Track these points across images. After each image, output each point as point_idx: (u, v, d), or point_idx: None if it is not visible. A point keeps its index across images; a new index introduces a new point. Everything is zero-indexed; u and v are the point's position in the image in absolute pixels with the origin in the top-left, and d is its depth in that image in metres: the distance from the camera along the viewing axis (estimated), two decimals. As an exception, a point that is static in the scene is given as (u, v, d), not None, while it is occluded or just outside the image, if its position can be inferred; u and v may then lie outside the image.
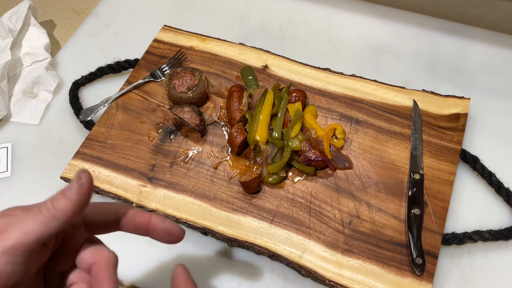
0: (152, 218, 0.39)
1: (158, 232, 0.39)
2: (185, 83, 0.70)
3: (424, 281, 0.55)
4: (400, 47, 0.81)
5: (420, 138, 0.66)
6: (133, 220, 0.39)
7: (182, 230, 0.40)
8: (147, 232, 0.39)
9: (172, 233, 0.39)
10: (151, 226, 0.39)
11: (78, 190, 0.33)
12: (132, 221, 0.39)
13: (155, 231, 0.39)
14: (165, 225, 0.39)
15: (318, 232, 0.60)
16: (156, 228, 0.39)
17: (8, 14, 0.81)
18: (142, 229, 0.39)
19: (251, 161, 0.66)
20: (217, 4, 0.90)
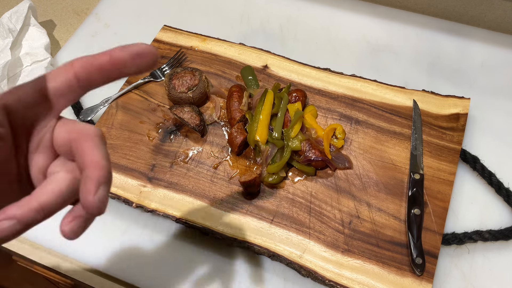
0: (111, 52, 0.31)
1: (128, 63, 0.31)
2: (185, 83, 0.70)
3: (424, 281, 0.56)
4: (400, 47, 0.81)
5: (420, 138, 0.66)
6: (92, 65, 0.31)
7: (150, 45, 0.32)
8: (116, 71, 0.31)
9: (143, 53, 0.31)
10: (116, 60, 0.31)
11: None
12: (92, 66, 0.31)
13: (124, 64, 0.31)
14: (130, 49, 0.31)
15: (318, 232, 0.60)
16: (123, 59, 0.31)
17: (8, 14, 0.81)
18: (109, 71, 0.31)
19: (251, 161, 0.66)
20: (217, 4, 0.90)
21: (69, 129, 0.31)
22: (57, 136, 0.32)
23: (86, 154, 0.30)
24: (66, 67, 0.31)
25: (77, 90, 0.32)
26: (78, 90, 0.32)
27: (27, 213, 0.28)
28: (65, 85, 0.31)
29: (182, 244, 0.63)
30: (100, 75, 0.31)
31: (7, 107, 0.30)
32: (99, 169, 0.29)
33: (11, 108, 0.30)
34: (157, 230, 0.65)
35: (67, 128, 0.31)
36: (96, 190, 0.28)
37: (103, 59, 0.31)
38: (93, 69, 0.31)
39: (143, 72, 0.32)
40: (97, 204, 0.28)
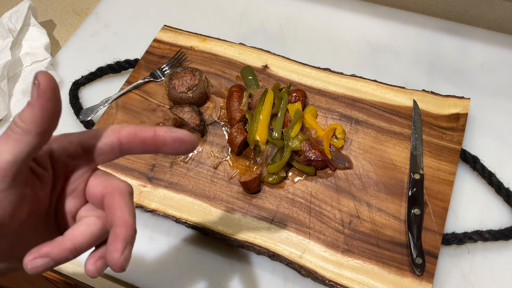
0: (156, 130, 0.34)
1: (168, 144, 0.34)
2: (185, 83, 0.70)
3: (424, 281, 0.56)
4: (400, 47, 0.81)
5: (420, 138, 0.66)
6: (136, 136, 0.34)
7: (193, 135, 0.34)
8: (155, 147, 0.34)
9: (184, 140, 0.34)
10: (158, 139, 0.34)
11: (37, 92, 0.29)
12: (136, 137, 0.34)
13: (164, 143, 0.34)
14: (173, 134, 0.33)
15: (318, 232, 0.60)
16: (165, 139, 0.33)
17: (8, 14, 0.81)
18: (150, 145, 0.34)
19: (251, 161, 0.66)
20: (217, 4, 0.90)
21: (104, 183, 0.34)
22: (90, 187, 0.35)
23: (117, 211, 0.32)
24: (113, 131, 0.34)
25: (117, 153, 0.35)
26: (118, 153, 0.35)
27: (61, 252, 0.32)
28: (109, 147, 0.34)
29: (182, 244, 0.63)
30: (141, 146, 0.34)
31: (52, 153, 0.33)
32: (128, 229, 0.32)
33: (55, 154, 0.33)
34: (157, 230, 0.65)
35: (101, 181, 0.34)
36: (123, 250, 0.31)
37: (148, 135, 0.34)
38: (137, 140, 0.34)
39: (179, 155, 0.36)
40: (122, 263, 0.31)
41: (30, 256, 0.31)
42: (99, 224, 0.34)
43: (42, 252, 0.31)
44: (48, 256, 0.31)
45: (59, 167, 0.34)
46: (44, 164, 0.32)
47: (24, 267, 0.31)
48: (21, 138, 0.29)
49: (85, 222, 0.34)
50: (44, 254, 0.31)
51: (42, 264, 0.31)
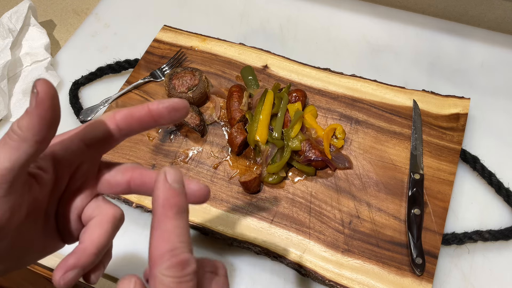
0: (149, 105, 0.34)
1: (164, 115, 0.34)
2: (185, 83, 0.70)
3: (424, 281, 0.56)
4: (400, 47, 0.81)
5: (420, 138, 0.66)
6: (132, 117, 0.34)
7: (183, 100, 0.34)
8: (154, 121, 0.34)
9: (178, 107, 0.34)
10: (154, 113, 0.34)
11: (36, 101, 0.29)
12: (132, 118, 0.34)
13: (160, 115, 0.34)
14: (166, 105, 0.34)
15: (318, 232, 0.60)
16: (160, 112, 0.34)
17: (8, 14, 0.81)
18: (147, 121, 0.34)
19: (251, 161, 0.66)
20: (217, 4, 0.90)
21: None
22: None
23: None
24: (109, 117, 0.34)
25: (118, 138, 0.35)
26: (118, 138, 0.35)
27: (87, 260, 0.33)
28: (108, 134, 0.34)
29: (182, 244, 0.63)
30: (139, 125, 0.35)
31: (55, 156, 0.33)
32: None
33: (58, 156, 0.33)
34: (157, 230, 0.64)
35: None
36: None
37: (143, 112, 0.34)
38: (133, 121, 0.34)
39: (176, 122, 0.37)
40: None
41: (59, 272, 0.31)
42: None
43: (70, 265, 0.32)
44: (76, 267, 0.32)
45: (63, 167, 0.34)
46: (44, 167, 0.32)
47: (57, 284, 0.31)
48: (19, 146, 0.29)
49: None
50: (72, 266, 0.32)
51: (73, 276, 0.32)
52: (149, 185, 0.35)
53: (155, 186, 0.29)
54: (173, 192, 0.29)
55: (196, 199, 0.34)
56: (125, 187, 0.35)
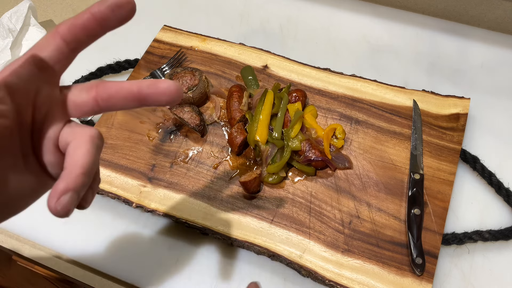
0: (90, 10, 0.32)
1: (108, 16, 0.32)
2: (185, 83, 0.71)
3: (424, 281, 0.56)
4: (400, 47, 0.81)
5: (420, 138, 0.66)
6: (76, 26, 0.33)
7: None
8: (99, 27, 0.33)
9: (120, 4, 0.32)
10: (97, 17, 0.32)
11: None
12: (76, 27, 0.33)
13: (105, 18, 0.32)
14: (107, 3, 0.32)
15: (318, 232, 0.60)
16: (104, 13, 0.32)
17: (8, 14, 0.81)
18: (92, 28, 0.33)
19: (251, 161, 0.66)
20: (217, 4, 0.90)
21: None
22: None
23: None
24: (52, 34, 0.33)
25: (68, 53, 0.33)
26: (69, 53, 0.33)
27: (76, 181, 0.30)
28: (56, 51, 0.33)
29: (182, 244, 0.63)
30: (85, 33, 0.33)
31: (8, 85, 0.31)
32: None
33: (11, 84, 0.31)
34: (157, 230, 0.65)
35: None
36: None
37: (85, 17, 0.32)
38: (78, 29, 0.33)
39: (124, 23, 0.34)
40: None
41: (52, 200, 0.29)
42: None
43: (60, 189, 0.30)
44: (67, 190, 0.30)
45: (20, 96, 0.32)
46: (0, 98, 0.30)
47: (54, 211, 0.30)
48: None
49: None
50: (64, 190, 0.30)
51: (67, 200, 0.30)
52: (116, 97, 0.33)
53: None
54: None
55: (167, 97, 0.33)
56: (93, 105, 0.34)
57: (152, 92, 0.33)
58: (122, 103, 0.34)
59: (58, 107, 0.34)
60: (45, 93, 0.33)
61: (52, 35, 0.33)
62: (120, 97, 0.34)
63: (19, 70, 0.32)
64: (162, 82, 0.33)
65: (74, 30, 0.33)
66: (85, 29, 0.33)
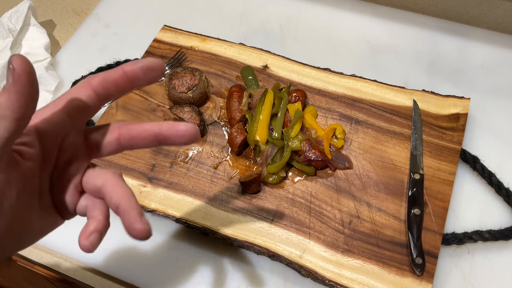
0: (123, 67, 0.35)
1: (139, 76, 0.35)
2: (185, 83, 0.70)
3: (424, 281, 0.56)
4: (400, 47, 0.81)
5: (420, 138, 0.66)
6: (108, 81, 0.35)
7: (158, 59, 0.35)
8: (130, 83, 0.35)
9: (152, 67, 0.35)
10: (129, 74, 0.34)
11: (12, 77, 0.28)
12: (108, 82, 0.35)
13: (136, 77, 0.35)
14: (140, 64, 0.35)
15: (318, 232, 0.60)
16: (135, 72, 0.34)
17: (8, 14, 0.81)
18: (123, 83, 0.35)
19: (251, 161, 0.66)
20: (217, 4, 0.90)
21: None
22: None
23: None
24: (85, 84, 0.35)
25: (97, 104, 0.36)
26: (97, 104, 0.36)
27: (104, 223, 0.35)
28: (87, 101, 0.35)
29: (182, 244, 0.63)
30: (115, 88, 0.35)
31: (38, 130, 0.33)
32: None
33: (41, 130, 0.34)
34: (157, 230, 0.65)
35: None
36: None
37: (118, 74, 0.35)
38: (109, 84, 0.35)
39: (152, 83, 0.36)
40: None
41: (84, 237, 0.33)
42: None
43: (90, 230, 0.34)
44: (96, 231, 0.34)
45: (48, 140, 0.34)
46: (29, 142, 0.32)
47: (84, 248, 0.33)
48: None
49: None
50: (93, 231, 0.34)
51: (96, 238, 0.34)
52: (138, 138, 0.36)
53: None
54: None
55: (185, 139, 0.36)
56: (116, 145, 0.36)
57: (172, 134, 0.36)
58: (143, 143, 0.37)
59: (82, 150, 0.36)
60: (71, 138, 0.35)
61: (85, 85, 0.35)
62: (142, 137, 0.36)
63: (50, 116, 0.34)
64: (181, 125, 0.35)
65: (106, 85, 0.35)
66: (116, 85, 0.35)
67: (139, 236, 0.33)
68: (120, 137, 0.36)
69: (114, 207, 0.34)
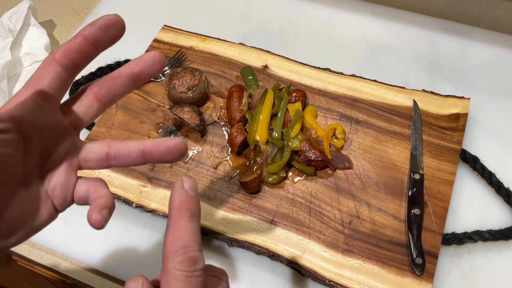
0: (82, 33, 0.34)
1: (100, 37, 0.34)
2: (185, 83, 0.70)
3: (424, 281, 0.56)
4: (400, 47, 0.81)
5: (420, 138, 0.66)
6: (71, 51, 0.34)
7: (115, 14, 0.35)
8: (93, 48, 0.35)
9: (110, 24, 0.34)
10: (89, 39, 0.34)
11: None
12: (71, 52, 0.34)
13: (97, 39, 0.34)
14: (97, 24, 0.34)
15: (318, 232, 0.60)
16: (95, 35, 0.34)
17: (8, 14, 0.81)
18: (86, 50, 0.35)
19: (251, 161, 0.66)
20: (217, 4, 0.90)
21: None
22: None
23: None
24: (49, 61, 0.34)
25: (67, 78, 0.35)
26: (67, 78, 0.35)
27: (111, 200, 0.36)
28: (56, 78, 0.34)
29: (182, 244, 0.63)
30: (80, 56, 0.34)
31: (13, 116, 0.32)
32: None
33: (16, 116, 0.33)
34: (157, 230, 0.65)
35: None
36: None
37: (78, 41, 0.34)
38: (73, 54, 0.34)
39: (116, 41, 0.35)
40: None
41: (94, 212, 0.34)
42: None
43: (100, 205, 0.35)
44: (106, 206, 0.35)
45: (28, 126, 0.33)
46: (4, 129, 0.32)
47: (96, 222, 0.34)
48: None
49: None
50: (103, 205, 0.35)
51: (107, 213, 0.35)
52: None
53: (172, 192, 0.31)
54: (188, 198, 0.31)
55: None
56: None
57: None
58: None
59: (66, 128, 0.36)
60: (51, 119, 0.35)
61: (50, 62, 0.34)
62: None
63: (25, 102, 0.33)
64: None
65: (70, 55, 0.34)
66: (80, 52, 0.34)
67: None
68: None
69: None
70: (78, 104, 0.36)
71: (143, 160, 0.36)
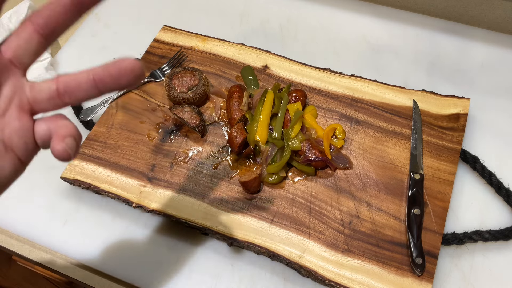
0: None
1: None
2: (185, 83, 0.70)
3: (424, 281, 0.56)
4: (400, 47, 0.81)
5: (420, 138, 0.66)
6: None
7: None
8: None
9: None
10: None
11: None
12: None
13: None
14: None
15: (318, 232, 0.60)
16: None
17: (8, 14, 0.81)
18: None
19: (251, 161, 0.66)
20: (217, 4, 0.90)
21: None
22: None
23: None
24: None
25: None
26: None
27: (74, 129, 0.33)
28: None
29: (182, 244, 0.63)
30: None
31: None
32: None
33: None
34: (158, 230, 0.65)
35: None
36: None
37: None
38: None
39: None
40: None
41: (58, 142, 0.31)
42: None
43: (63, 134, 0.32)
44: (70, 135, 0.32)
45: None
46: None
47: (60, 152, 0.31)
48: None
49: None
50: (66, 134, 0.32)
51: (71, 142, 0.32)
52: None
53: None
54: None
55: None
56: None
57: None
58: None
59: (8, 67, 0.33)
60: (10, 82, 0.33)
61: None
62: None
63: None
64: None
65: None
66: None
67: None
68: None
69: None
70: (16, 38, 0.33)
71: (97, 90, 0.33)
